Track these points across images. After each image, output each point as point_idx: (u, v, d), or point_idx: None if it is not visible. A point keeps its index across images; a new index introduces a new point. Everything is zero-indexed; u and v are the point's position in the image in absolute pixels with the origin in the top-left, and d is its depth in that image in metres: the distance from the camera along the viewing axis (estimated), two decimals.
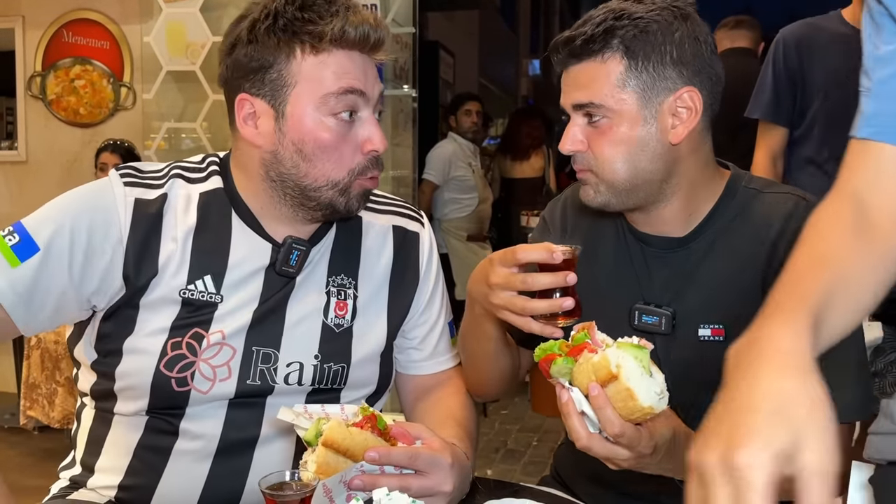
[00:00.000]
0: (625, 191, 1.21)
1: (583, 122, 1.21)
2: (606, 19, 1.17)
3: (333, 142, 1.18)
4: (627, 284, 1.29)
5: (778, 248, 1.19)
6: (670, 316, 1.23)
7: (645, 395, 0.91)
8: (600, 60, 1.18)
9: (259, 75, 1.18)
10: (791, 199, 1.24)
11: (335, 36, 1.16)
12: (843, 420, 1.16)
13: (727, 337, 1.22)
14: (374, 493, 0.97)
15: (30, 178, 4.89)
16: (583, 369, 0.95)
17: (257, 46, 1.18)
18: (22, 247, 1.15)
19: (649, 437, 0.96)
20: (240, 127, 1.22)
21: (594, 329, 1.00)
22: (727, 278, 1.23)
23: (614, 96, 1.17)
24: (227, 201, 1.25)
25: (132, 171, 1.24)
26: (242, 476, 1.23)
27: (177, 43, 4.37)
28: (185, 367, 1.19)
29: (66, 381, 3.59)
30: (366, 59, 1.21)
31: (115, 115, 4.76)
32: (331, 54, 1.17)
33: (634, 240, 1.31)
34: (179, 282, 1.20)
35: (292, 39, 1.16)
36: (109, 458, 1.25)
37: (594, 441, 0.96)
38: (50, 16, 4.76)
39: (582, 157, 1.22)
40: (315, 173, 1.19)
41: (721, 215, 1.25)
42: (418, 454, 1.07)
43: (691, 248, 1.26)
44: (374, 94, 1.21)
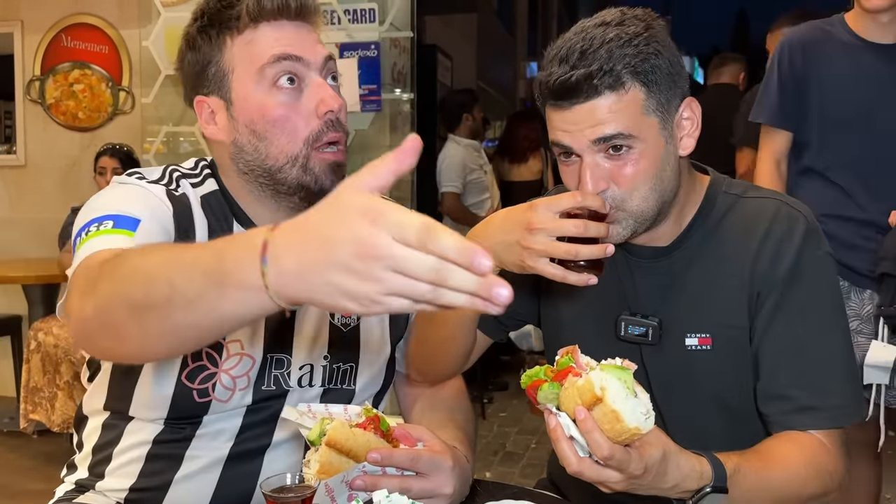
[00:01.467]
0: (650, 218, 1.18)
1: (601, 159, 1.14)
2: (611, 50, 1.11)
3: (282, 112, 1.16)
4: (613, 295, 1.28)
5: (762, 253, 1.19)
6: (657, 326, 1.22)
7: (631, 416, 0.91)
8: (622, 92, 1.12)
9: (204, 75, 1.20)
10: (772, 203, 1.23)
11: (253, 12, 1.16)
12: (832, 425, 1.17)
13: (714, 346, 1.21)
14: (374, 495, 0.98)
15: (28, 183, 4.90)
16: (569, 394, 0.94)
17: (196, 51, 1.20)
18: (123, 222, 1.09)
19: (639, 458, 0.95)
20: (203, 129, 1.23)
21: (577, 352, 0.99)
22: (712, 286, 1.22)
23: (641, 124, 1.13)
24: (225, 204, 1.25)
25: (139, 174, 1.23)
26: (253, 480, 1.23)
27: (175, 47, 4.36)
28: (207, 378, 1.19)
29: (65, 385, 3.60)
30: (299, 26, 1.20)
31: (113, 119, 4.77)
32: (256, 30, 1.17)
33: (619, 249, 1.27)
34: None
35: (220, 31, 1.18)
36: (121, 464, 1.25)
37: (584, 465, 0.96)
38: (49, 20, 4.78)
39: (608, 195, 1.15)
40: (274, 151, 1.17)
41: (703, 223, 1.25)
42: (420, 456, 1.08)
43: (675, 256, 1.25)
44: (317, 58, 1.19)
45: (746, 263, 1.20)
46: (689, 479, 1.02)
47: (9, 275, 3.88)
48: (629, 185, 1.14)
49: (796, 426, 1.17)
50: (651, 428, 0.93)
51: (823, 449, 1.16)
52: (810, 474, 1.14)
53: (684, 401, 1.13)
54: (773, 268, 1.18)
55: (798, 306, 1.18)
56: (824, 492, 1.16)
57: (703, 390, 1.22)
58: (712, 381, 1.22)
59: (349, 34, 4.14)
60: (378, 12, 4.09)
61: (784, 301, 1.18)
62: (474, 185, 4.81)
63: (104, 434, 1.28)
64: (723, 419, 1.23)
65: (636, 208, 1.16)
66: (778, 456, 1.15)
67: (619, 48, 1.12)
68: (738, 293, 1.20)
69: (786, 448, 1.16)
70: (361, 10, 4.11)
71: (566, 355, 0.99)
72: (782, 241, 1.19)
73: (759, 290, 1.19)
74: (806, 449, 1.16)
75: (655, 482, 0.99)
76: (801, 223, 1.20)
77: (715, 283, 1.22)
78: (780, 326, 1.18)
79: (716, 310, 1.21)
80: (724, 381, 1.22)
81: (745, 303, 1.20)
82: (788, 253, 1.18)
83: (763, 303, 1.19)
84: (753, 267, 1.19)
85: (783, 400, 1.18)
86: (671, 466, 0.99)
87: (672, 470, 0.99)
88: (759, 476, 1.10)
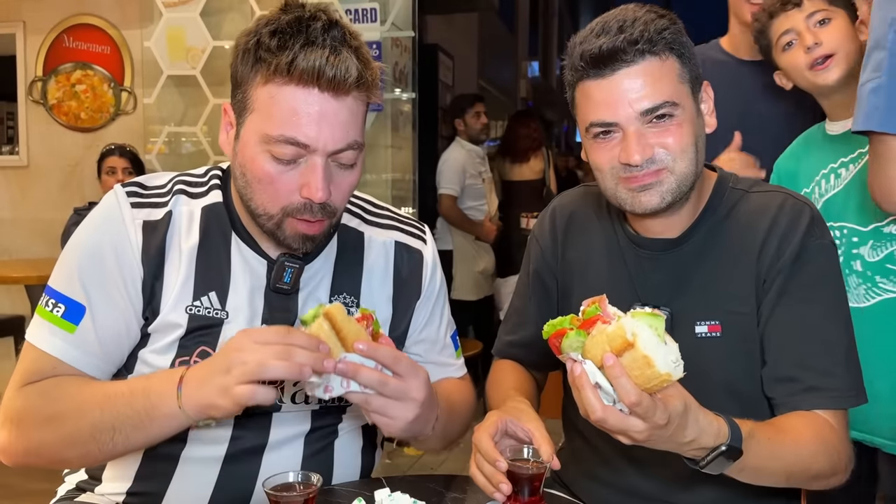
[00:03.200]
0: (689, 184, 1.22)
1: (646, 128, 1.17)
2: (647, 23, 1.16)
3: (267, 178, 1.14)
4: (623, 287, 1.31)
5: (768, 241, 1.22)
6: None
7: (662, 362, 0.91)
8: (664, 58, 1.18)
9: (236, 91, 1.18)
10: (778, 196, 1.27)
11: (281, 68, 1.09)
12: (837, 405, 1.19)
13: (723, 333, 1.24)
14: (377, 494, 0.99)
15: (31, 183, 4.90)
16: (596, 341, 0.93)
17: (238, 63, 1.16)
18: (70, 313, 1.19)
19: (664, 407, 0.95)
20: (221, 134, 1.23)
21: (605, 302, 0.99)
22: (720, 276, 1.25)
23: (681, 91, 1.19)
24: (226, 217, 1.26)
25: (138, 188, 1.25)
26: (252, 481, 1.23)
27: (177, 47, 4.38)
28: None
29: None
30: (327, 100, 1.11)
31: (115, 119, 4.78)
32: (282, 88, 1.10)
33: (628, 242, 1.33)
34: (186, 298, 1.21)
35: (256, 63, 1.13)
36: (116, 467, 1.26)
37: (609, 413, 0.95)
38: (51, 21, 4.78)
39: (656, 157, 1.18)
40: (256, 199, 1.17)
41: (711, 216, 1.28)
42: (401, 358, 1.10)
43: (684, 248, 1.28)
44: (328, 146, 1.12)
45: (753, 252, 1.23)
46: (707, 436, 1.02)
47: (11, 275, 3.89)
48: (676, 148, 1.18)
49: (803, 406, 1.19)
50: (681, 375, 0.93)
51: (830, 427, 1.18)
52: (819, 449, 1.15)
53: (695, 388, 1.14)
54: (778, 255, 1.22)
55: (802, 292, 1.21)
56: (832, 470, 1.17)
57: (714, 377, 1.24)
58: (722, 367, 1.25)
59: None
60: (379, 12, 4.10)
61: (788, 286, 1.21)
62: (470, 190, 4.82)
63: None
64: (733, 406, 1.24)
65: (683, 170, 1.20)
66: (790, 427, 1.16)
67: (653, 22, 1.17)
68: (746, 280, 1.23)
69: (797, 422, 1.18)
70: (363, 10, 4.12)
71: (593, 304, 0.98)
72: (788, 231, 1.22)
73: (765, 276, 1.23)
74: (815, 425, 1.17)
75: (675, 435, 0.99)
76: (805, 214, 1.24)
77: (723, 272, 1.25)
78: (784, 311, 1.21)
79: (724, 298, 1.24)
80: (734, 368, 1.24)
81: (753, 290, 1.23)
82: (793, 241, 1.21)
83: (768, 289, 1.22)
84: (760, 255, 1.22)
85: (789, 381, 1.20)
86: (691, 420, 1.00)
87: (692, 424, 1.00)
88: (773, 444, 1.11)
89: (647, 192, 1.20)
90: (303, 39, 1.09)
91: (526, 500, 1.07)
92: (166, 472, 1.23)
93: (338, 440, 1.31)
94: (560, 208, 1.45)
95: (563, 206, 1.45)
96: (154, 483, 1.23)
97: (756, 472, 1.13)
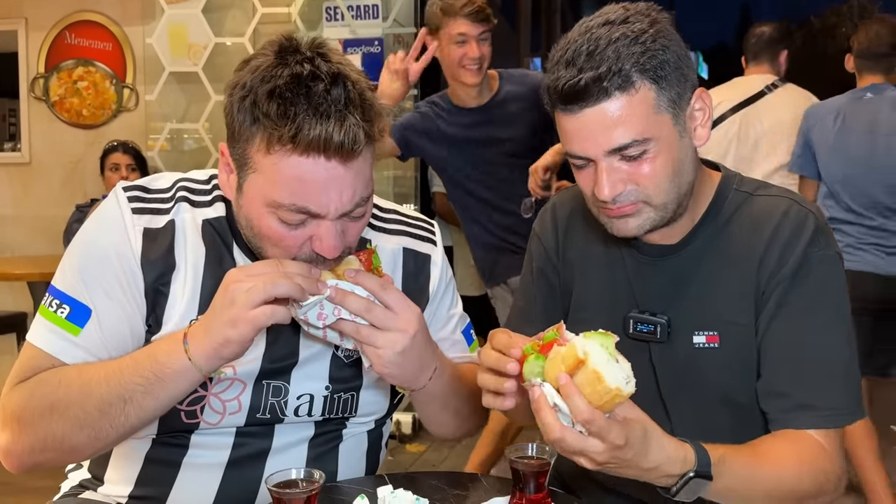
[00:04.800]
0: (672, 210, 1.19)
1: (617, 164, 1.14)
2: (619, 50, 1.10)
3: (276, 236, 1.10)
4: (621, 292, 1.28)
5: (770, 251, 1.19)
6: (665, 324, 1.23)
7: (612, 377, 0.92)
8: (633, 93, 1.11)
9: (234, 141, 1.11)
10: (783, 201, 1.23)
11: (285, 139, 1.03)
12: (829, 425, 1.16)
13: (722, 343, 1.21)
14: (379, 491, 0.99)
15: (33, 180, 4.91)
16: (552, 363, 0.97)
17: (235, 112, 1.08)
18: (75, 315, 1.16)
19: (619, 428, 0.95)
20: (220, 174, 1.18)
21: (563, 328, 1.02)
22: (720, 284, 1.22)
23: (654, 124, 1.12)
24: (229, 232, 1.22)
25: (140, 192, 1.21)
26: (255, 485, 1.22)
27: (179, 44, 4.38)
28: (196, 401, 1.18)
29: None
30: (336, 167, 1.05)
31: (117, 116, 4.78)
32: (287, 157, 1.04)
33: (627, 247, 1.29)
34: (191, 312, 1.18)
35: (253, 124, 1.06)
36: (117, 470, 1.25)
37: (567, 433, 0.96)
38: (52, 18, 4.78)
39: (628, 193, 1.15)
40: (265, 251, 1.14)
41: (713, 219, 1.24)
42: (389, 287, 1.09)
43: (684, 254, 1.25)
44: (337, 209, 1.08)
45: (754, 261, 1.19)
46: (672, 463, 1.02)
47: (14, 272, 3.89)
48: (650, 183, 1.15)
49: (794, 424, 1.17)
50: (632, 391, 0.95)
51: (820, 448, 1.16)
52: (804, 471, 1.13)
53: (692, 398, 1.13)
54: (779, 265, 1.18)
55: (801, 305, 1.18)
56: (819, 491, 1.15)
57: (711, 388, 1.22)
58: (720, 378, 1.22)
59: (352, 30, 4.15)
60: (381, 8, 4.10)
61: (788, 299, 1.18)
62: None
63: None
64: (730, 417, 1.23)
65: (659, 202, 1.17)
66: (769, 451, 1.14)
67: (626, 47, 1.10)
68: (746, 291, 1.20)
69: (780, 445, 1.16)
70: (365, 7, 4.11)
71: (553, 330, 1.02)
72: (790, 240, 1.18)
73: (764, 287, 1.19)
74: (801, 447, 1.15)
75: (637, 460, 0.99)
76: (810, 222, 1.20)
77: (723, 281, 1.22)
78: (782, 324, 1.18)
79: (723, 307, 1.21)
80: (732, 379, 1.22)
81: (753, 300, 1.20)
82: (795, 251, 1.18)
83: (767, 300, 1.19)
84: (761, 264, 1.19)
85: (782, 397, 1.18)
86: (653, 446, 0.99)
87: (654, 450, 0.99)
88: (747, 469, 1.10)
89: (624, 220, 1.18)
90: (305, 106, 1.02)
91: (531, 496, 1.07)
92: (168, 477, 1.21)
93: (342, 444, 1.30)
94: (560, 206, 1.42)
95: (563, 204, 1.42)
96: (155, 488, 1.22)
97: (735, 496, 1.11)
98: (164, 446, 1.21)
